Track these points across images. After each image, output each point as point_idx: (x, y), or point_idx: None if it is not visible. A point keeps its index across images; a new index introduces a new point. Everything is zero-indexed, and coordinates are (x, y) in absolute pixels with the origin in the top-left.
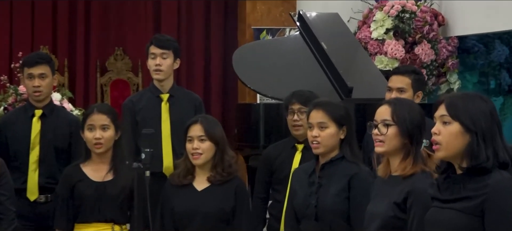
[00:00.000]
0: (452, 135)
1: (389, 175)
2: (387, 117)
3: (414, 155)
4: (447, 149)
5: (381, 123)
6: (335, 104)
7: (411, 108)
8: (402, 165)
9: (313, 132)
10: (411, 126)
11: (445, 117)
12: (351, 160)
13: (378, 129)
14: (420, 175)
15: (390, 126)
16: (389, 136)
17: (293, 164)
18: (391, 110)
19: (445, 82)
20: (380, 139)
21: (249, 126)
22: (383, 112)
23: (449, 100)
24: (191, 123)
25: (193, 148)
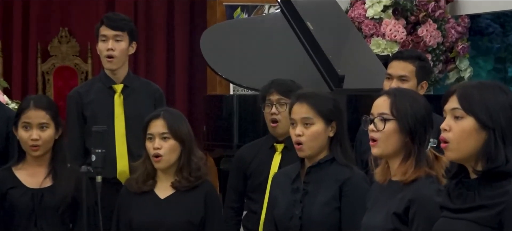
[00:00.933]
0: (465, 132)
1: (388, 180)
2: (385, 110)
3: (417, 156)
4: (459, 149)
5: (378, 117)
6: (323, 96)
7: (414, 100)
8: (403, 168)
9: (297, 129)
10: (414, 121)
11: (457, 110)
12: (343, 163)
13: (374, 125)
14: (425, 180)
15: (388, 121)
16: (386, 133)
17: (272, 168)
18: (390, 102)
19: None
20: (376, 137)
21: (220, 122)
22: (380, 104)
23: (462, 91)
24: (152, 118)
25: (154, 148)
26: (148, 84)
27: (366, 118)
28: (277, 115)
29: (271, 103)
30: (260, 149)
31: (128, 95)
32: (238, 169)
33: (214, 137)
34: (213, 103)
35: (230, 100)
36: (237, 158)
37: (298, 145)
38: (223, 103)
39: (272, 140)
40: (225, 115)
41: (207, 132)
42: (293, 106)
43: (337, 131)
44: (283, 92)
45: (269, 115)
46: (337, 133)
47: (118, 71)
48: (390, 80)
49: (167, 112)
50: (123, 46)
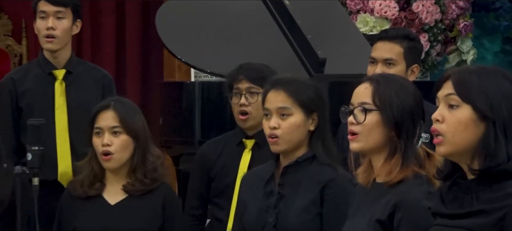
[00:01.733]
0: (461, 123)
1: (372, 182)
2: (367, 99)
3: (404, 153)
4: (453, 142)
5: (358, 107)
6: (303, 83)
7: (401, 88)
8: (387, 168)
9: (271, 121)
10: (400, 112)
11: (452, 97)
12: (325, 161)
13: (354, 116)
14: (412, 182)
15: (370, 112)
16: (368, 126)
17: (240, 168)
18: (372, 90)
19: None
20: (356, 130)
21: (179, 114)
22: (361, 92)
23: (458, 76)
24: (100, 110)
25: (102, 145)
26: (95, 69)
27: (345, 109)
28: (247, 106)
29: (239, 92)
30: (226, 145)
31: (71, 82)
32: (201, 170)
33: (172, 131)
34: (170, 92)
35: (191, 88)
36: (199, 157)
37: (273, 138)
38: (183, 91)
39: (240, 135)
40: (185, 106)
41: (163, 126)
42: (267, 94)
43: (319, 124)
44: (253, 79)
45: (238, 106)
46: (318, 126)
47: (59, 54)
48: (375, 65)
49: (118, 102)
50: (65, 25)
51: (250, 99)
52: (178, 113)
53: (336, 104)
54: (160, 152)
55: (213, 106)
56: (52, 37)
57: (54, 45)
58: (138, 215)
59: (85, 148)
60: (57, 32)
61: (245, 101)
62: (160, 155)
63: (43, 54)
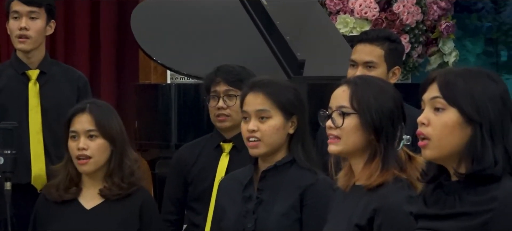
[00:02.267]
0: (447, 126)
1: (352, 185)
2: (345, 102)
3: (384, 157)
4: (439, 146)
5: (336, 111)
6: (282, 85)
7: (379, 90)
8: (367, 171)
9: (250, 124)
10: (379, 115)
11: (438, 100)
12: (305, 166)
13: (332, 120)
14: (392, 186)
15: (348, 116)
16: (346, 129)
17: (218, 172)
18: (350, 93)
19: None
20: (334, 134)
21: (155, 117)
22: (339, 95)
23: (443, 78)
24: (75, 112)
25: (78, 148)
26: (70, 70)
27: (323, 113)
28: (224, 109)
29: (217, 95)
30: (203, 149)
31: (45, 83)
32: (177, 174)
33: (148, 135)
34: (146, 94)
35: (167, 90)
36: (175, 161)
37: (252, 142)
38: (159, 94)
39: (218, 138)
40: (161, 109)
41: (139, 129)
42: (245, 97)
43: (298, 127)
44: (231, 82)
45: (215, 109)
46: (298, 129)
47: (33, 54)
48: (355, 67)
49: (94, 104)
50: (39, 25)
51: (228, 102)
52: (154, 116)
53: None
54: (137, 155)
55: (189, 109)
56: (25, 37)
57: (27, 45)
58: (115, 220)
59: (60, 151)
60: (30, 32)
61: (222, 104)
62: (138, 159)
63: (16, 55)
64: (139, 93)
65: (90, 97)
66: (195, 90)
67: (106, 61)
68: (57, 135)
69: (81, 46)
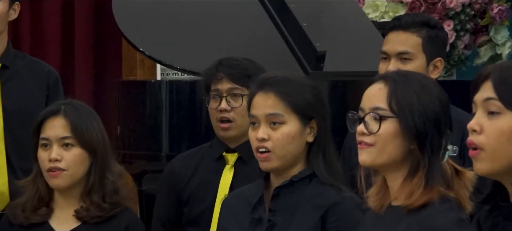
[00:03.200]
0: (504, 134)
1: (387, 206)
2: (381, 103)
3: (428, 171)
4: (495, 158)
5: (370, 114)
6: (298, 83)
7: (423, 88)
8: (407, 189)
9: (259, 131)
10: (422, 119)
11: (493, 102)
12: (327, 181)
13: (365, 125)
14: (439, 206)
15: (385, 120)
16: (383, 136)
17: (220, 189)
18: (387, 92)
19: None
20: (367, 142)
21: (142, 121)
22: (374, 95)
23: (499, 75)
24: (47, 116)
25: (50, 159)
26: (38, 64)
27: (354, 116)
28: (228, 112)
29: (219, 94)
30: (202, 161)
31: (7, 79)
32: (169, 191)
33: (133, 143)
34: (131, 93)
35: (157, 88)
36: (168, 175)
37: (262, 153)
38: (147, 93)
39: (220, 148)
40: (149, 111)
41: (122, 137)
42: (253, 98)
43: (319, 133)
44: (237, 78)
45: (217, 112)
46: (318, 137)
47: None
48: (387, 61)
49: (70, 106)
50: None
51: (233, 103)
52: (141, 120)
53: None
54: (122, 169)
55: (184, 112)
56: None
57: None
58: None
59: (26, 163)
60: None
61: (226, 105)
62: (123, 174)
63: None
64: (122, 92)
65: (62, 96)
66: (191, 88)
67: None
68: (22, 143)
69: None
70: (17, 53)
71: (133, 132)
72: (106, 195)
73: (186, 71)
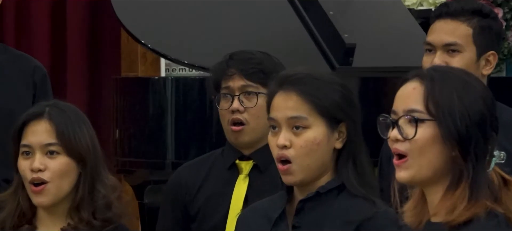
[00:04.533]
0: None
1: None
2: (417, 105)
3: (472, 182)
4: None
5: (405, 117)
6: (323, 81)
7: (465, 87)
8: (448, 202)
9: (280, 137)
10: (465, 122)
11: None
12: (359, 193)
13: (399, 130)
14: (486, 223)
15: (421, 123)
16: (420, 143)
17: (233, 202)
18: (424, 91)
19: None
20: (403, 150)
21: (144, 124)
22: (408, 95)
23: None
24: (29, 119)
25: (32, 169)
26: (23, 58)
27: (385, 119)
28: (241, 113)
29: (230, 92)
30: (212, 169)
31: None
32: (175, 205)
33: (134, 149)
34: (131, 92)
35: (161, 86)
36: (173, 186)
37: (284, 164)
38: (150, 91)
39: (233, 155)
40: (152, 112)
41: (121, 142)
42: (273, 98)
43: (349, 139)
44: (250, 74)
45: (228, 113)
46: (348, 142)
47: None
48: (432, 53)
49: (55, 108)
50: None
51: (247, 103)
52: (142, 123)
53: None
54: (116, 181)
55: (193, 113)
56: None
57: None
58: None
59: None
60: None
61: (238, 105)
62: (117, 185)
63: None
64: (121, 90)
65: (51, 96)
66: (201, 86)
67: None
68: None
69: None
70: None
71: (133, 136)
72: (97, 210)
73: (195, 66)
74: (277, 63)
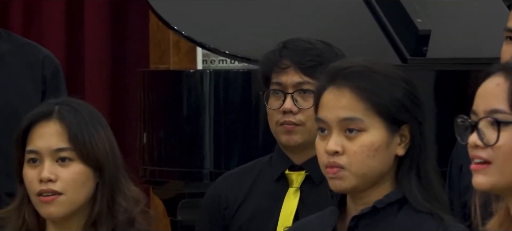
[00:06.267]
0: None
1: None
2: (500, 104)
3: None
4: None
5: (487, 118)
6: (382, 74)
7: None
8: None
9: (330, 141)
10: None
11: None
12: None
13: (479, 134)
14: None
15: (505, 126)
16: (504, 150)
17: (281, 218)
18: (508, 89)
19: None
20: (484, 157)
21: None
22: (489, 93)
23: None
24: (36, 119)
25: (41, 179)
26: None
27: (464, 121)
28: (294, 114)
29: (283, 89)
30: (257, 181)
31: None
32: (214, 222)
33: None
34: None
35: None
36: (212, 200)
37: (333, 169)
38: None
39: (282, 163)
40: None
41: (149, 147)
42: (322, 96)
43: (412, 144)
44: (308, 68)
45: (279, 113)
46: (411, 148)
47: None
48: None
49: (67, 106)
50: None
51: (301, 102)
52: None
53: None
54: (139, 192)
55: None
56: None
57: None
58: None
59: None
60: None
61: (291, 105)
62: (140, 198)
63: None
64: (149, 86)
65: (64, 93)
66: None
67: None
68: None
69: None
70: (2, 33)
71: (164, 141)
72: (117, 227)
73: (238, 57)
74: (340, 54)
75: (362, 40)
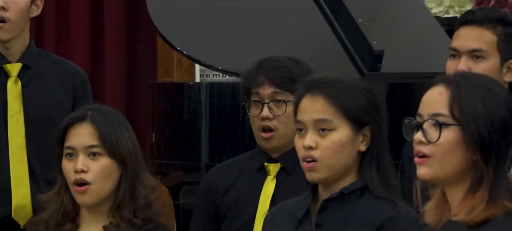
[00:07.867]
0: None
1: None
2: (442, 109)
3: (492, 184)
4: None
5: (430, 120)
6: (349, 85)
7: (488, 93)
8: (468, 204)
9: (306, 139)
10: (488, 128)
11: None
12: (381, 194)
13: (424, 133)
14: (503, 222)
15: (446, 128)
16: (443, 146)
17: (260, 202)
18: (449, 96)
19: None
20: (427, 152)
21: (179, 128)
22: (434, 99)
23: None
24: (73, 122)
25: (76, 171)
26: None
27: (411, 122)
28: (270, 120)
29: (260, 100)
30: (242, 172)
31: (29, 81)
32: (207, 205)
33: (170, 152)
34: (167, 97)
35: (196, 91)
36: (205, 187)
37: (309, 162)
38: (184, 96)
39: (261, 157)
40: (187, 116)
41: (157, 145)
42: (300, 102)
43: (373, 142)
44: (280, 83)
45: (258, 120)
46: (372, 145)
47: (13, 44)
48: (457, 58)
49: (98, 112)
50: (21, 5)
51: (276, 110)
52: (178, 127)
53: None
54: (155, 181)
55: (226, 117)
56: (2, 21)
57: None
58: None
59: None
60: (9, 13)
61: (268, 113)
62: (156, 186)
63: None
64: (157, 95)
65: (90, 100)
66: (234, 91)
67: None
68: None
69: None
70: (40, 52)
71: (169, 140)
72: (137, 210)
73: (228, 72)
74: (306, 69)
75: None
